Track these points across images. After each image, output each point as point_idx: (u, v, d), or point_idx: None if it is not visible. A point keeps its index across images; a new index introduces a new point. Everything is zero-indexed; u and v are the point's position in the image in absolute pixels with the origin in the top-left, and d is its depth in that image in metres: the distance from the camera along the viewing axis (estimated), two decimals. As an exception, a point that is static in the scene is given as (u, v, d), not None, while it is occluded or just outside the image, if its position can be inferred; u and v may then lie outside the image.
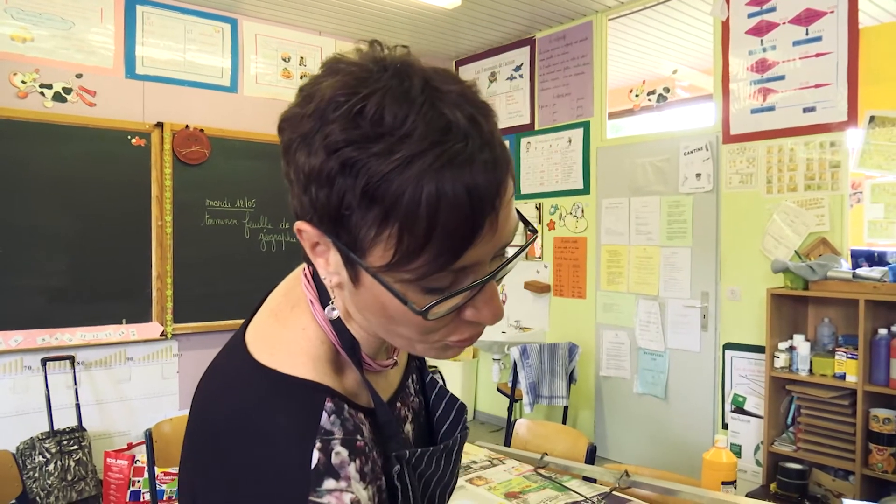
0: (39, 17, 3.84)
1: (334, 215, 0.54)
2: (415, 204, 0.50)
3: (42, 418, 3.69)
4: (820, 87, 3.45)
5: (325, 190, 0.53)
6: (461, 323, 0.59)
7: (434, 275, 0.54)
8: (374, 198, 0.51)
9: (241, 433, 0.58)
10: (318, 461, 0.56)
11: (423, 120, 0.51)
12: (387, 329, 0.61)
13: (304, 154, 0.54)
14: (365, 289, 0.57)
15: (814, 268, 3.17)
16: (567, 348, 4.40)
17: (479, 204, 0.52)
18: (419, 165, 0.50)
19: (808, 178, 3.50)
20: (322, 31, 4.97)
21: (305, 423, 0.58)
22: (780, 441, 3.35)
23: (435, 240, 0.51)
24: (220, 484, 0.58)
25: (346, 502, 0.56)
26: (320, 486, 0.56)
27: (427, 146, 0.50)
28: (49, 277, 3.81)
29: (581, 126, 4.74)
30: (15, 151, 3.71)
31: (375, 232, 0.52)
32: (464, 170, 0.51)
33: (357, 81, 0.53)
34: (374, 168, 0.51)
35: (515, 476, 2.04)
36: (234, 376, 0.64)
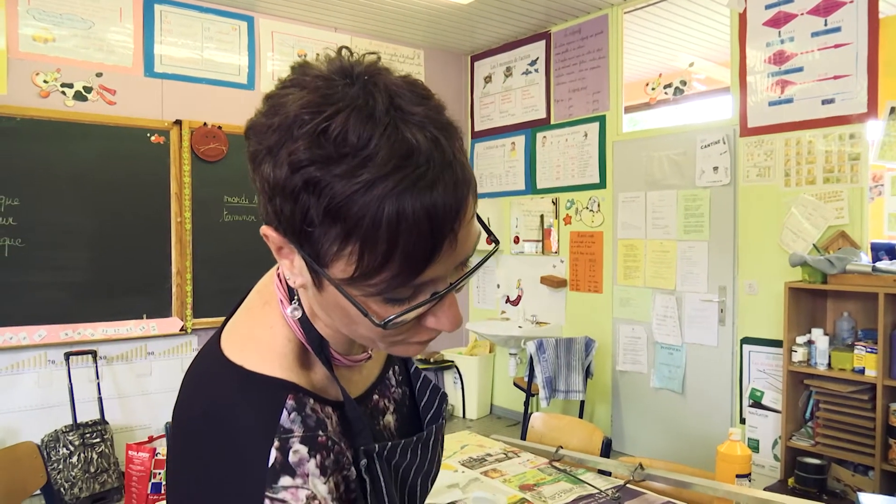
0: (60, 17, 3.90)
1: (298, 228, 0.55)
2: (376, 225, 0.52)
3: (65, 411, 3.76)
4: (839, 79, 3.41)
5: (290, 204, 0.54)
6: (421, 328, 0.62)
7: (395, 289, 0.56)
8: (337, 217, 0.52)
9: (208, 432, 0.62)
10: (275, 460, 0.59)
11: (386, 143, 0.52)
12: (349, 329, 0.64)
13: (270, 166, 0.55)
14: (328, 294, 0.60)
15: (832, 261, 3.14)
16: (583, 343, 4.39)
17: (438, 226, 0.54)
18: (381, 189, 0.51)
19: (826, 171, 3.46)
20: (338, 27, 5.00)
21: (266, 421, 0.61)
22: (799, 436, 3.32)
23: (395, 259, 0.53)
24: (188, 479, 0.62)
25: (301, 498, 0.59)
26: (276, 483, 0.58)
27: (389, 170, 0.51)
28: (71, 273, 3.88)
29: (597, 120, 4.72)
30: (37, 150, 3.78)
31: (338, 248, 0.54)
32: (424, 193, 0.52)
33: (322, 98, 0.54)
34: (337, 188, 0.52)
35: (530, 469, 2.05)
36: (206, 375, 0.67)
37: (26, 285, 3.73)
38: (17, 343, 3.70)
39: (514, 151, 5.39)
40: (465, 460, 2.12)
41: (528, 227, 5.28)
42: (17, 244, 3.70)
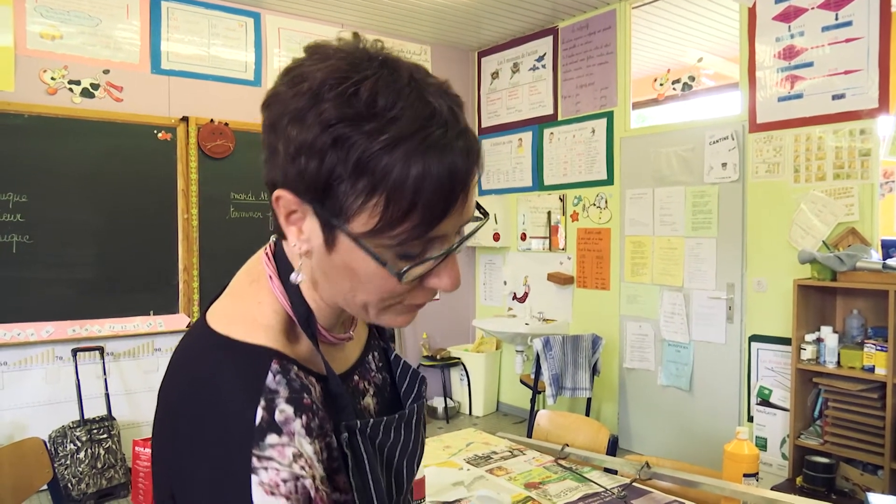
0: (67, 14, 3.91)
1: (322, 185, 0.59)
2: (403, 179, 0.57)
3: (73, 407, 3.78)
4: (850, 74, 3.37)
5: (316, 162, 0.58)
6: (420, 289, 0.67)
7: (410, 242, 0.60)
8: (365, 170, 0.57)
9: (196, 397, 0.63)
10: (261, 419, 0.61)
11: (411, 106, 0.58)
12: (349, 293, 0.66)
13: (297, 128, 0.59)
14: (337, 254, 0.63)
15: (842, 258, 3.11)
16: (590, 340, 4.37)
17: (455, 184, 0.59)
18: (408, 145, 0.57)
19: (836, 167, 3.43)
20: (344, 24, 4.99)
21: (252, 384, 0.62)
22: (807, 434, 3.30)
23: (416, 211, 0.58)
24: (178, 444, 0.63)
25: (287, 455, 0.61)
26: (263, 441, 0.60)
27: (415, 129, 0.57)
28: (79, 270, 3.89)
29: (605, 116, 4.70)
30: (45, 146, 3.79)
31: (362, 201, 0.58)
32: (446, 153, 0.58)
33: (350, 66, 0.59)
34: (367, 144, 0.57)
35: (536, 466, 2.04)
36: (191, 348, 0.69)
37: (34, 281, 3.75)
38: (24, 339, 3.72)
39: (521, 148, 5.37)
40: (470, 458, 2.12)
41: (535, 223, 5.27)
42: (24, 240, 3.72)
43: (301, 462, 0.62)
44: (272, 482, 0.59)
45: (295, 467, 0.61)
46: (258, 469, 0.59)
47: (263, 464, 0.60)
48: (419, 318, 5.47)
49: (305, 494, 0.61)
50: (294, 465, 0.61)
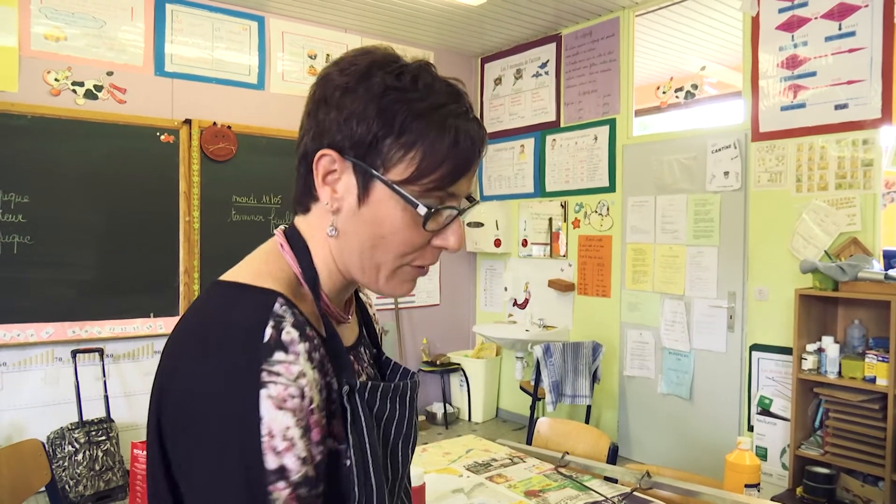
0: (72, 16, 3.91)
1: (368, 143, 0.71)
2: (440, 136, 0.71)
3: (72, 409, 3.77)
4: (853, 84, 3.37)
5: (364, 124, 0.71)
6: (428, 249, 0.76)
7: (434, 192, 0.72)
8: (409, 128, 0.71)
9: (207, 326, 0.69)
10: (269, 337, 0.66)
11: (443, 88, 0.74)
12: (368, 251, 0.75)
13: (349, 98, 0.72)
14: (368, 207, 0.73)
15: (844, 268, 3.11)
16: (591, 347, 4.36)
17: (475, 147, 0.74)
18: (444, 111, 0.72)
19: (839, 177, 3.43)
20: (348, 28, 5.00)
21: (260, 309, 0.68)
22: (808, 444, 3.29)
23: (446, 163, 0.72)
24: (188, 366, 0.67)
25: (293, 372, 0.65)
26: (271, 357, 0.65)
27: (448, 101, 0.73)
28: (79, 271, 3.89)
29: (607, 123, 4.70)
30: (47, 148, 3.79)
31: (403, 153, 0.71)
32: (471, 123, 0.74)
33: (394, 58, 0.75)
34: (411, 107, 0.71)
35: (536, 474, 2.03)
36: (205, 298, 0.74)
37: (35, 282, 3.74)
38: (24, 340, 3.72)
39: (523, 154, 5.37)
40: (470, 465, 2.11)
41: (536, 230, 5.26)
42: (26, 241, 3.72)
43: (304, 381, 0.66)
44: (280, 396, 0.64)
45: (301, 383, 0.65)
46: (267, 383, 0.63)
47: (272, 378, 0.64)
48: (419, 323, 5.48)
49: (308, 414, 0.66)
50: (299, 381, 0.65)
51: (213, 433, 0.64)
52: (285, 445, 0.64)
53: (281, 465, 0.63)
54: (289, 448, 0.64)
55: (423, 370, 5.38)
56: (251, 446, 0.63)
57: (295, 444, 0.64)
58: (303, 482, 0.65)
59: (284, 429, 0.64)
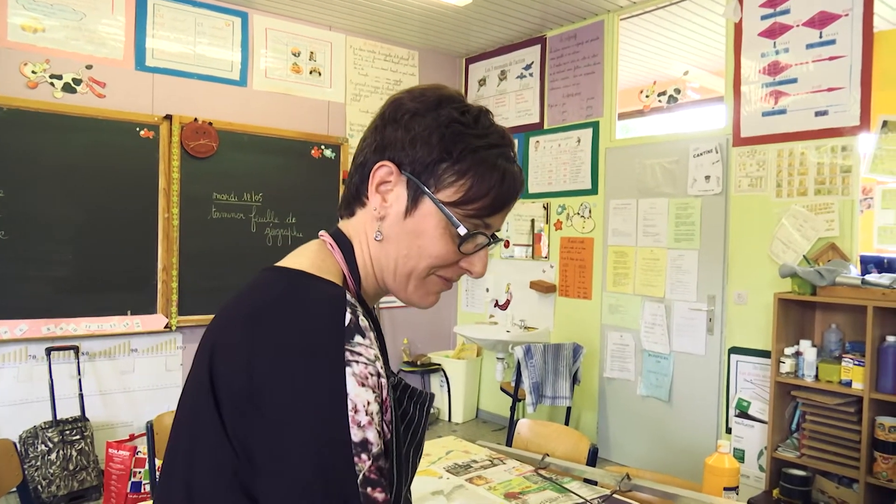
0: (51, 7, 3.85)
1: (428, 163, 0.79)
2: (491, 170, 0.80)
3: (45, 407, 3.71)
4: (833, 91, 3.41)
5: (427, 147, 0.79)
6: (453, 268, 0.84)
7: (473, 220, 0.80)
8: (465, 158, 0.79)
9: (286, 305, 0.72)
10: (349, 321, 0.70)
11: (499, 131, 0.84)
12: (404, 258, 0.82)
13: (417, 122, 0.80)
14: (412, 218, 0.81)
15: (822, 273, 3.14)
16: (571, 349, 4.38)
17: (516, 187, 0.83)
18: (497, 151, 0.82)
19: (818, 183, 3.47)
20: (332, 26, 4.97)
21: (337, 296, 0.73)
22: (784, 447, 3.32)
23: (489, 196, 0.80)
24: (268, 345, 0.69)
25: (371, 355, 0.70)
26: (353, 339, 0.69)
27: (502, 143, 0.83)
28: (55, 267, 3.82)
29: (590, 126, 4.72)
30: (24, 141, 3.72)
31: (455, 179, 0.80)
32: (514, 167, 0.84)
33: (460, 97, 0.85)
34: (471, 141, 0.80)
35: (516, 476, 2.02)
36: (269, 280, 0.78)
37: (9, 278, 3.67)
38: (-3, 337, 3.64)
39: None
40: (449, 466, 2.10)
41: (518, 231, 5.27)
42: (0, 236, 3.64)
43: (379, 364, 0.71)
44: (362, 374, 0.68)
45: (377, 365, 0.70)
46: (351, 362, 0.68)
47: (355, 357, 0.68)
48: (400, 323, 5.46)
49: (383, 391, 0.71)
50: (376, 363, 0.70)
51: (300, 407, 0.66)
52: (367, 420, 0.67)
53: (364, 438, 0.67)
54: (370, 423, 0.68)
55: (404, 370, 5.36)
56: (339, 420, 0.66)
57: (374, 419, 0.68)
58: (380, 455, 0.68)
59: (366, 404, 0.68)
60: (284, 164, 4.66)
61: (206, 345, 0.75)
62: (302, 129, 4.76)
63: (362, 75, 5.17)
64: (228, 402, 0.69)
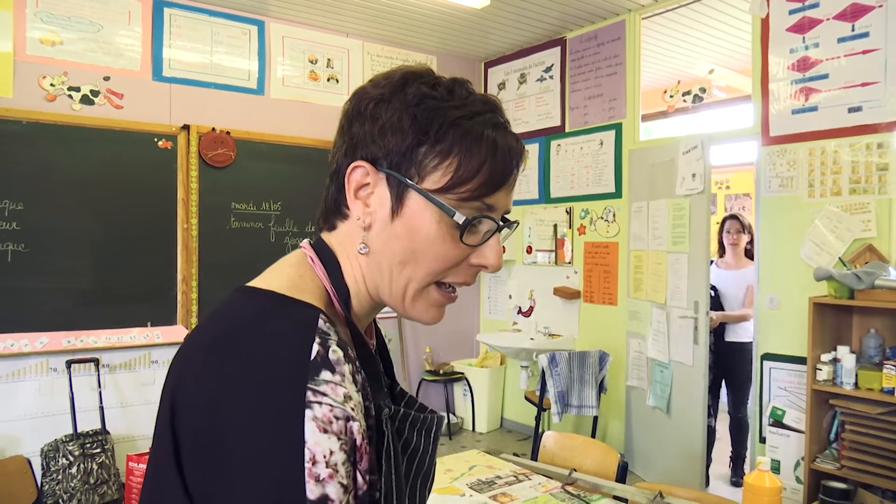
0: (68, 20, 3.85)
1: (405, 151, 0.69)
2: (477, 143, 0.69)
3: (66, 420, 3.69)
4: (867, 86, 3.28)
5: (400, 133, 0.69)
6: (465, 267, 0.72)
7: (470, 202, 0.69)
8: (445, 135, 0.68)
9: (242, 334, 0.63)
10: (317, 353, 0.61)
11: (480, 97, 0.72)
12: (398, 266, 0.71)
13: (384, 108, 0.70)
14: (401, 219, 0.70)
15: (860, 276, 3.01)
16: (597, 356, 4.26)
17: (513, 159, 0.71)
18: (481, 119, 0.70)
19: (853, 182, 3.33)
20: (349, 33, 4.93)
21: (305, 324, 0.63)
22: (823, 458, 3.18)
23: (483, 173, 0.69)
24: (219, 377, 0.61)
25: (339, 394, 0.60)
26: (318, 376, 0.60)
27: (485, 110, 0.71)
28: (75, 279, 3.81)
29: (613, 128, 4.61)
30: (43, 153, 3.72)
31: (439, 161, 0.68)
32: (507, 133, 0.72)
33: (428, 70, 0.73)
34: (448, 114, 0.69)
35: (542, 493, 1.94)
36: (237, 303, 0.69)
37: (29, 291, 3.67)
38: (18, 350, 3.64)
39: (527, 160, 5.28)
40: (473, 483, 2.01)
41: (541, 236, 5.17)
42: (20, 249, 3.64)
43: (351, 404, 0.61)
44: (325, 418, 0.59)
45: (347, 407, 0.60)
46: (312, 403, 0.59)
47: (318, 398, 0.59)
48: (423, 331, 5.38)
49: (352, 439, 0.61)
50: (346, 404, 0.60)
51: (249, 455, 0.57)
52: (328, 473, 0.58)
53: (323, 494, 0.57)
54: (332, 476, 0.58)
55: (426, 379, 5.28)
56: (292, 473, 0.57)
57: (338, 470, 0.59)
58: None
59: (328, 454, 0.58)
60: (303, 173, 4.62)
61: (172, 372, 0.68)
62: (320, 136, 4.72)
63: (380, 81, 5.12)
64: (187, 443, 0.62)
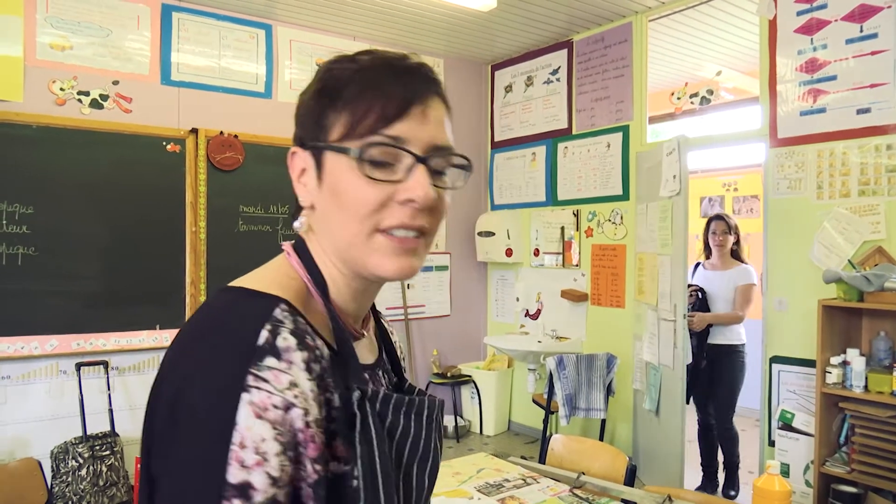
0: (78, 25, 3.88)
1: (317, 120, 0.71)
2: (369, 84, 0.69)
3: (76, 423, 3.70)
4: (875, 87, 3.26)
5: (310, 109, 0.73)
6: (395, 206, 0.69)
7: (372, 137, 0.68)
8: (339, 90, 0.70)
9: (204, 329, 0.65)
10: (264, 340, 0.62)
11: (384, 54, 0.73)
12: (338, 227, 0.71)
13: (303, 97, 0.74)
14: (326, 185, 0.71)
15: (869, 278, 2.99)
16: (605, 359, 4.25)
17: (407, 88, 0.69)
18: (375, 65, 0.71)
19: (862, 184, 3.32)
20: (356, 36, 4.94)
21: (260, 313, 0.64)
22: (833, 462, 3.16)
23: (374, 108, 0.68)
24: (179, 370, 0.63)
25: (283, 381, 0.60)
26: (262, 362, 0.60)
27: (383, 62, 0.72)
28: (84, 283, 3.83)
29: (620, 130, 4.61)
30: (53, 158, 3.74)
31: (338, 113, 0.70)
32: (396, 66, 0.71)
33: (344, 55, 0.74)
34: (345, 74, 0.71)
35: (550, 497, 1.93)
36: (210, 301, 0.71)
37: (39, 294, 3.69)
38: (28, 352, 3.66)
39: (534, 162, 5.28)
40: (481, 486, 2.01)
41: (548, 239, 5.17)
42: (30, 252, 3.67)
43: (295, 391, 0.61)
44: (262, 404, 0.59)
45: (288, 395, 0.60)
46: (251, 388, 0.59)
47: (258, 384, 0.59)
48: (430, 334, 5.39)
49: (292, 427, 0.60)
50: (287, 392, 0.60)
51: (186, 437, 0.59)
52: (255, 460, 0.57)
53: (245, 480, 0.57)
54: (259, 463, 0.58)
55: (434, 382, 5.28)
56: (217, 454, 0.57)
57: (268, 459, 0.58)
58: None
59: (259, 441, 0.58)
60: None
61: None
62: (327, 139, 4.73)
63: (387, 85, 5.13)
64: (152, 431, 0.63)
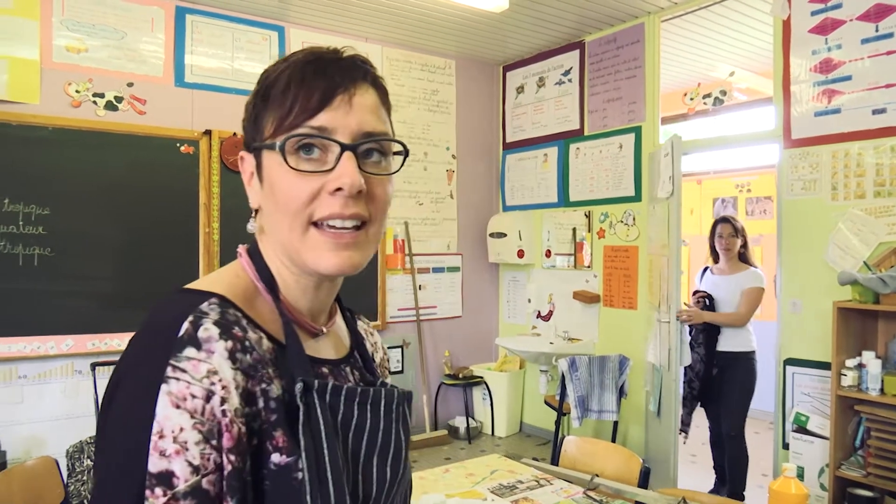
0: (93, 28, 3.91)
1: (255, 123, 0.73)
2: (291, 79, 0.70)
3: (91, 422, 3.74)
4: (891, 87, 3.24)
5: (249, 113, 0.75)
6: (326, 197, 0.70)
7: (296, 131, 0.69)
8: (270, 93, 0.72)
9: (143, 323, 0.67)
10: (185, 331, 0.62)
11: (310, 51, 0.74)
12: (277, 222, 0.72)
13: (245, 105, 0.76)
14: (265, 183, 0.72)
15: (885, 280, 2.97)
16: (617, 361, 4.24)
17: (330, 79, 0.70)
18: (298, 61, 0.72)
19: (877, 185, 3.29)
20: (368, 37, 4.95)
21: (186, 308, 0.65)
22: (848, 465, 3.14)
23: (296, 102, 0.69)
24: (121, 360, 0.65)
25: (201, 371, 0.61)
26: (181, 353, 0.61)
27: (307, 57, 0.73)
28: (99, 283, 3.86)
29: (632, 131, 4.59)
30: (68, 159, 3.78)
31: (266, 115, 0.72)
32: (325, 58, 0.72)
33: None
34: (273, 76, 0.72)
35: (564, 498, 1.93)
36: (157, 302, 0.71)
37: (55, 294, 3.72)
38: (44, 352, 3.70)
39: (546, 163, 5.28)
40: (494, 487, 2.01)
41: (559, 240, 5.16)
42: (46, 253, 3.70)
43: (214, 379, 0.61)
44: (180, 394, 0.60)
45: (205, 383, 0.61)
46: (169, 379, 0.60)
47: (176, 374, 0.60)
48: (441, 335, 5.39)
49: (213, 416, 0.61)
50: (205, 380, 0.61)
51: (112, 430, 0.62)
52: (175, 449, 0.59)
53: (166, 469, 0.58)
54: (178, 452, 0.59)
55: (446, 383, 5.29)
56: (138, 444, 0.59)
57: (188, 448, 0.59)
58: (190, 493, 0.59)
59: (178, 430, 0.59)
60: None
61: None
62: (339, 141, 4.75)
63: (399, 86, 5.15)
64: None
